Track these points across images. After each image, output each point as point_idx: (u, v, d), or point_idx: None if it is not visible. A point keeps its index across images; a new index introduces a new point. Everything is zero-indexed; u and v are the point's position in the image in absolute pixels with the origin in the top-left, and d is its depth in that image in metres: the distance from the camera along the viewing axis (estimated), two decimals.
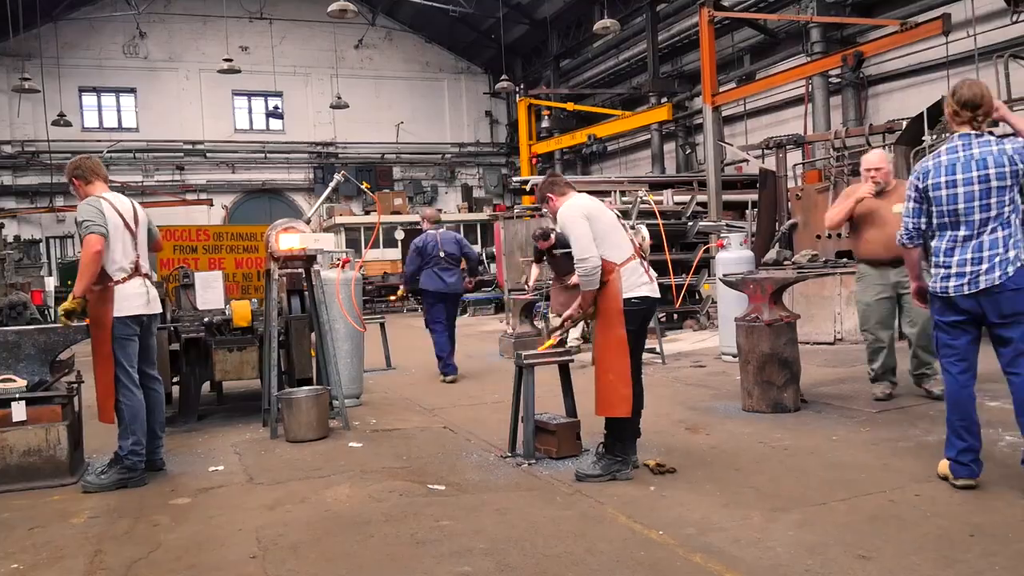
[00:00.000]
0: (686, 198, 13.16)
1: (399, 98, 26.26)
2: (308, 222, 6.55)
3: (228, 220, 23.79)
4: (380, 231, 20.72)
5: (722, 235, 9.49)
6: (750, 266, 8.13)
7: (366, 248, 19.28)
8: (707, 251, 10.00)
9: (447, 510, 4.03)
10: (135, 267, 4.86)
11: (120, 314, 4.73)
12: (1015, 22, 11.07)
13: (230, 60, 19.38)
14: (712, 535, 3.52)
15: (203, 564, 3.49)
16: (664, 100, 19.27)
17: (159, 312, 5.17)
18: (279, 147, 25.02)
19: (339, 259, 7.57)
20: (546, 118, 22.38)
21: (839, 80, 14.99)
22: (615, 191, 13.99)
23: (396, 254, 20.96)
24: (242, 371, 6.61)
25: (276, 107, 24.74)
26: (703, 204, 13.33)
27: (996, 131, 4.27)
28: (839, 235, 10.65)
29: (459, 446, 5.44)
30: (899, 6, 13.68)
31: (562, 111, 22.43)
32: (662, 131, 20.19)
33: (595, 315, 4.56)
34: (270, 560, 3.48)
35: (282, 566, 3.41)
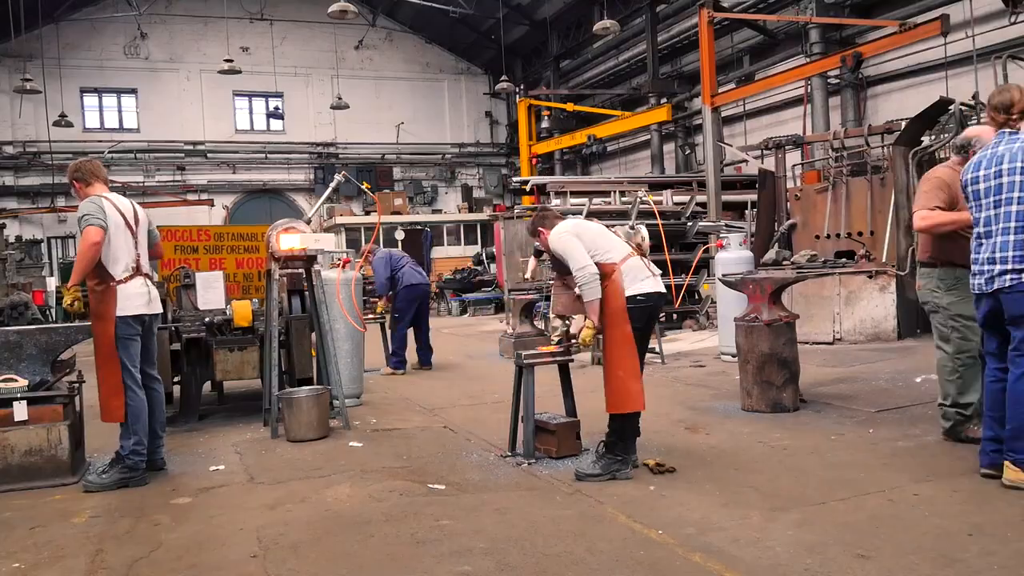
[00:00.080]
0: (685, 198, 13.17)
1: (399, 99, 26.25)
2: (309, 222, 6.56)
3: (229, 220, 23.78)
4: (380, 231, 20.72)
5: (721, 235, 9.51)
6: (749, 266, 8.14)
7: (364, 249, 19.26)
8: (706, 251, 10.01)
9: (447, 510, 4.04)
10: (136, 267, 4.89)
11: (123, 313, 4.76)
12: (1013, 23, 11.07)
13: (231, 61, 19.37)
14: (712, 535, 3.53)
15: (204, 563, 3.50)
16: (664, 101, 19.27)
17: (160, 312, 5.20)
18: (280, 147, 25.01)
19: (339, 259, 7.59)
20: (546, 118, 22.37)
21: (838, 81, 14.98)
22: (615, 191, 14.00)
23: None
24: (243, 371, 6.63)
25: (277, 108, 24.74)
26: (702, 204, 13.34)
27: None
28: (838, 235, 10.67)
29: (459, 446, 5.45)
30: (898, 7, 13.68)
31: (562, 111, 22.43)
32: (662, 131, 20.18)
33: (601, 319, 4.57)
34: (271, 559, 3.49)
35: (283, 565, 3.42)
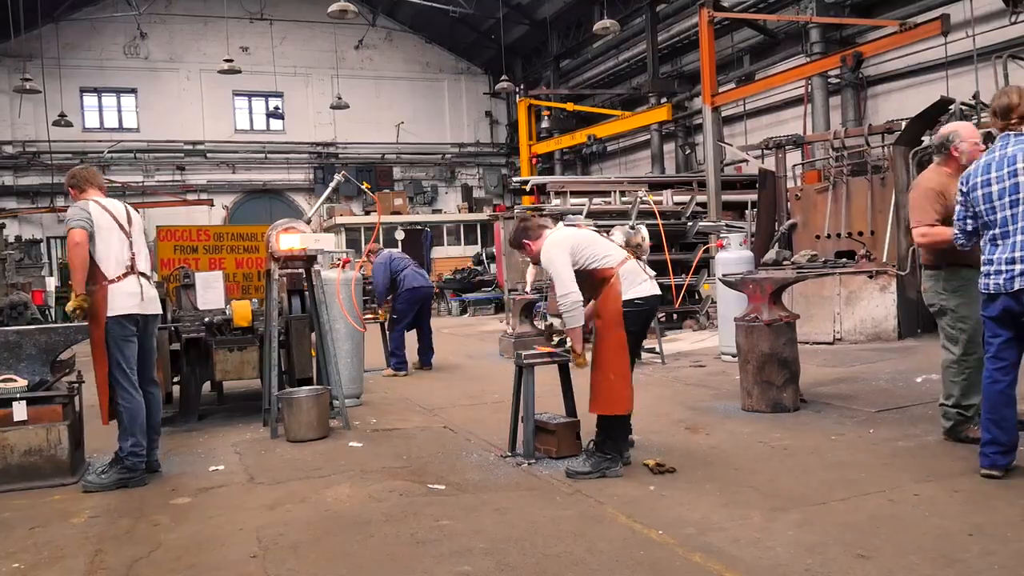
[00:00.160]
0: (686, 198, 13.17)
1: (399, 98, 26.24)
2: (308, 222, 6.56)
3: (229, 220, 23.76)
4: (380, 231, 20.72)
5: (721, 235, 9.51)
6: (749, 266, 8.13)
7: (366, 249, 19.26)
8: (707, 251, 10.01)
9: (447, 510, 4.04)
10: (131, 266, 4.85)
11: (114, 313, 4.72)
12: (1014, 23, 11.07)
13: (231, 60, 19.34)
14: (712, 535, 3.52)
15: (203, 564, 3.50)
16: (664, 100, 19.26)
17: (157, 313, 5.13)
18: (279, 147, 25.00)
19: (339, 259, 7.59)
20: (546, 118, 22.36)
21: (838, 80, 14.98)
22: (615, 191, 14.00)
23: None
24: (242, 371, 6.62)
25: (276, 107, 24.72)
26: (703, 204, 13.34)
27: None
28: (839, 235, 10.67)
29: (459, 446, 5.45)
30: (898, 7, 13.67)
31: (562, 111, 22.42)
32: (662, 131, 20.17)
33: (596, 318, 4.58)
34: (270, 560, 3.49)
35: (282, 566, 3.41)
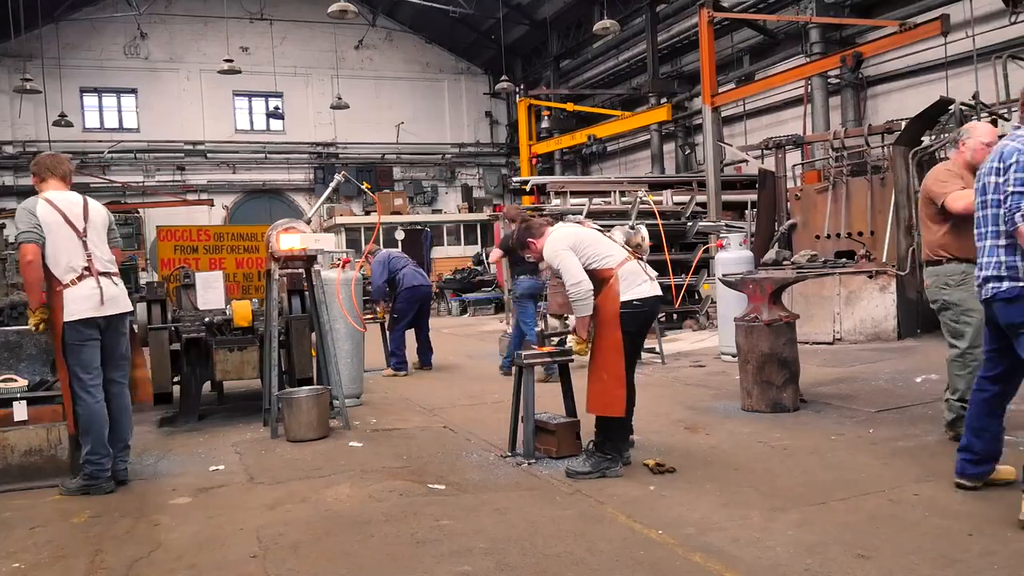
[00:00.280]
0: (685, 198, 13.16)
1: (399, 98, 26.24)
2: (308, 222, 6.56)
3: (229, 220, 23.75)
4: (380, 231, 20.71)
5: (721, 235, 9.50)
6: (749, 266, 8.13)
7: (366, 249, 19.26)
8: (706, 251, 10.01)
9: (447, 510, 4.04)
10: (88, 267, 4.56)
11: (69, 318, 4.47)
12: (1014, 23, 11.07)
13: (231, 61, 19.35)
14: (712, 535, 3.53)
15: (204, 564, 3.50)
16: (664, 100, 19.26)
17: (125, 312, 4.79)
18: (279, 147, 25.00)
19: (339, 259, 7.59)
20: (546, 118, 22.35)
21: (838, 81, 14.97)
22: (615, 191, 13.99)
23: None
24: (243, 371, 6.61)
25: (276, 108, 24.72)
26: (702, 204, 13.33)
27: None
28: (839, 235, 10.67)
29: (459, 446, 5.45)
30: (898, 7, 13.67)
31: (562, 111, 22.41)
32: (662, 131, 20.17)
33: (594, 318, 4.58)
34: (271, 560, 3.49)
35: (282, 565, 3.42)
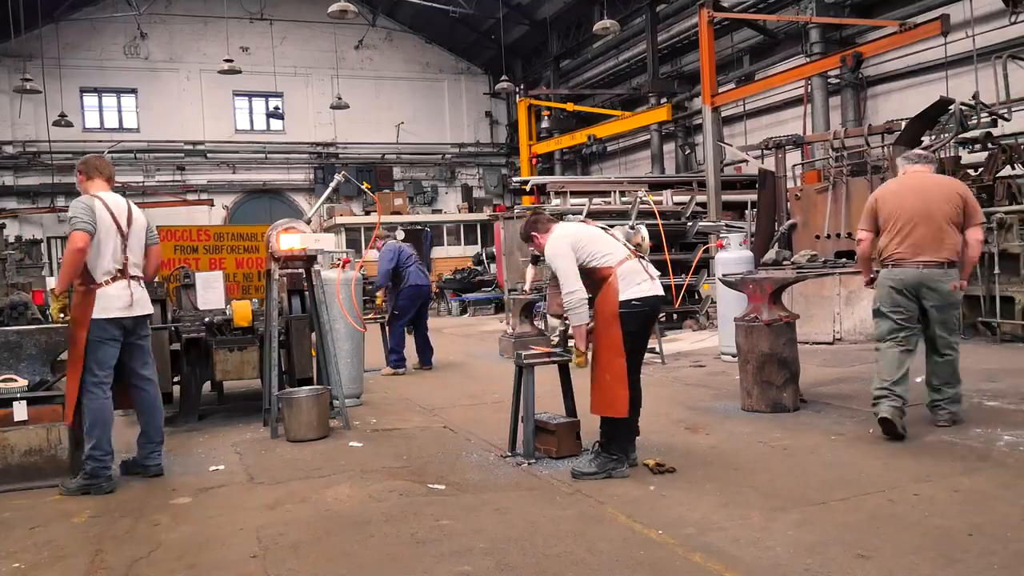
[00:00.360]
0: (685, 198, 13.17)
1: (399, 98, 26.26)
2: (308, 222, 6.56)
3: (229, 220, 23.78)
4: (380, 231, 20.69)
5: (721, 235, 9.50)
6: (749, 266, 8.13)
7: (367, 248, 19.27)
8: (706, 251, 10.00)
9: (447, 510, 4.04)
10: (122, 270, 4.73)
11: (99, 316, 4.61)
12: (1014, 23, 11.08)
13: (231, 61, 19.36)
14: (712, 535, 3.53)
15: (204, 563, 3.50)
16: (664, 100, 19.27)
17: (148, 314, 4.97)
18: (279, 147, 25.02)
19: (339, 259, 7.59)
20: (546, 118, 22.36)
21: (838, 81, 14.99)
22: (615, 191, 14.00)
23: None
24: (243, 371, 6.61)
25: (276, 107, 24.73)
26: (702, 204, 13.34)
27: None
28: (839, 235, 10.68)
29: (459, 446, 5.45)
30: (898, 7, 13.68)
31: (562, 111, 22.42)
32: (662, 131, 20.19)
33: (594, 318, 4.58)
34: (270, 560, 3.49)
35: (282, 566, 3.42)
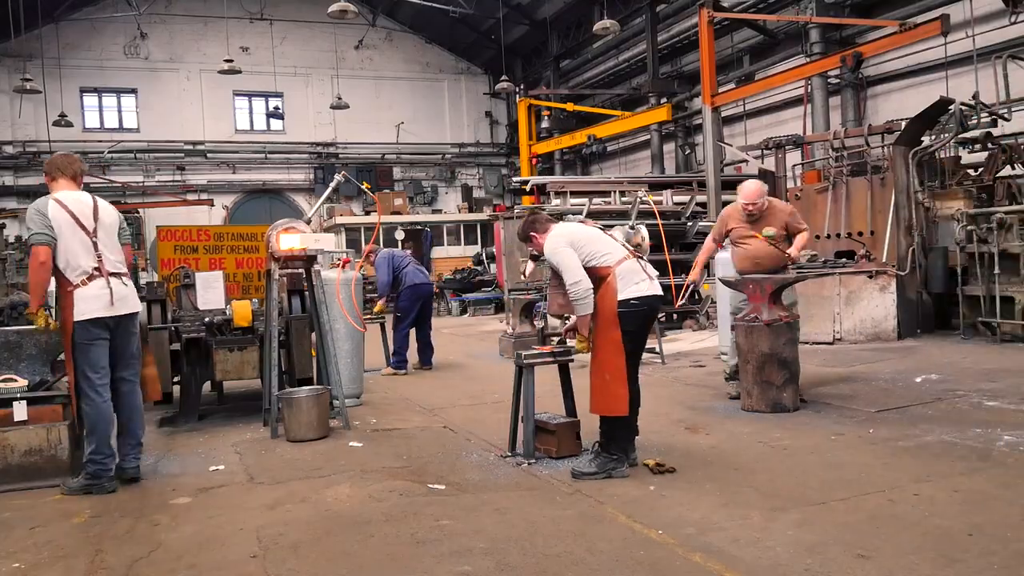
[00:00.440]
0: (685, 198, 13.17)
1: (399, 98, 26.25)
2: (308, 222, 6.56)
3: (229, 220, 23.76)
4: (380, 231, 20.72)
5: None
6: None
7: (366, 250, 19.27)
8: None
9: (447, 510, 4.04)
10: (98, 268, 4.61)
11: (79, 318, 4.52)
12: (1013, 23, 11.08)
13: (231, 61, 19.35)
14: (712, 535, 3.53)
15: (204, 563, 3.50)
16: (664, 100, 19.27)
17: (134, 311, 4.83)
18: (279, 147, 25.01)
19: (339, 259, 7.59)
20: (546, 118, 22.35)
21: (838, 81, 14.99)
22: (615, 191, 13.99)
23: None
24: (243, 371, 6.61)
25: (276, 107, 24.73)
26: (702, 204, 13.34)
27: None
28: (839, 235, 10.68)
29: (459, 446, 5.45)
30: (898, 7, 13.68)
31: (562, 111, 22.41)
32: (662, 131, 20.18)
33: (594, 317, 4.58)
34: (271, 560, 3.49)
35: (283, 565, 3.42)
